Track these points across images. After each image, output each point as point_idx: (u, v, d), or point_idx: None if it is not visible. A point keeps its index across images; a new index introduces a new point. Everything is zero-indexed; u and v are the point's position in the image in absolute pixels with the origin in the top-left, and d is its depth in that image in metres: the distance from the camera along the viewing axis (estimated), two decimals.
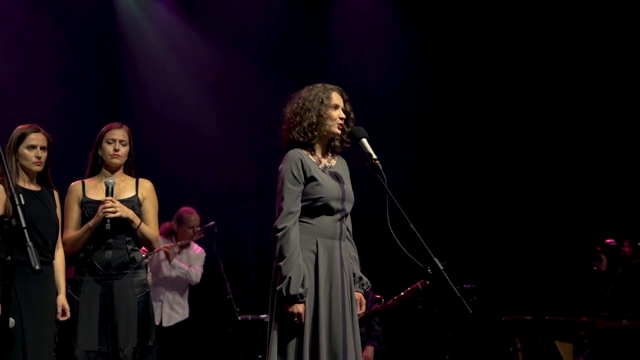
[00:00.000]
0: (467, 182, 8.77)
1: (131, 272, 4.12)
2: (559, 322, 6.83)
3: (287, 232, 3.56)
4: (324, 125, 3.71)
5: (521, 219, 8.50)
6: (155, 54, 8.78)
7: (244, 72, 8.83)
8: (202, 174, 8.28)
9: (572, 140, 8.81)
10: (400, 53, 9.05)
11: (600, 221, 8.31)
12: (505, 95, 9.03)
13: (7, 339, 3.77)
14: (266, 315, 6.10)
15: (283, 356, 3.56)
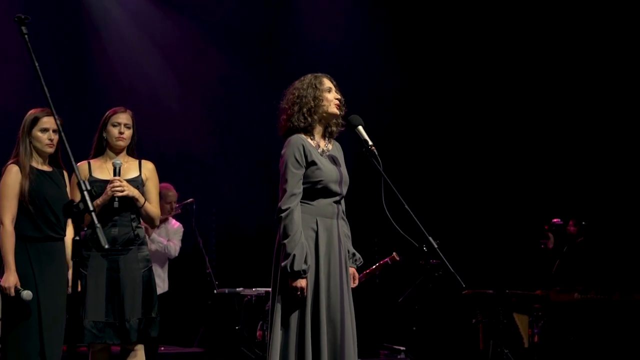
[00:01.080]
0: (429, 164, 9.22)
1: (136, 247, 4.41)
2: (517, 295, 7.31)
3: (290, 213, 3.90)
4: (321, 107, 4.05)
5: (478, 202, 9.02)
6: (118, 26, 9.05)
7: (202, 43, 9.21)
8: (162, 143, 8.54)
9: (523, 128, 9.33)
10: (365, 36, 9.46)
11: (548, 202, 8.85)
12: (463, 80, 9.49)
13: (26, 310, 4.07)
14: (242, 289, 6.48)
15: (286, 327, 3.91)
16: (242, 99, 9.46)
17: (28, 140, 4.24)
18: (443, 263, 3.65)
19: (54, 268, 4.21)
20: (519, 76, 9.41)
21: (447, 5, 9.39)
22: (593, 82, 9.15)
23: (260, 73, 9.46)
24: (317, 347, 3.86)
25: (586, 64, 9.18)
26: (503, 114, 9.49)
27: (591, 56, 9.17)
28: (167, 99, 9.09)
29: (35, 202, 4.15)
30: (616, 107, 9.08)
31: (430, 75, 9.52)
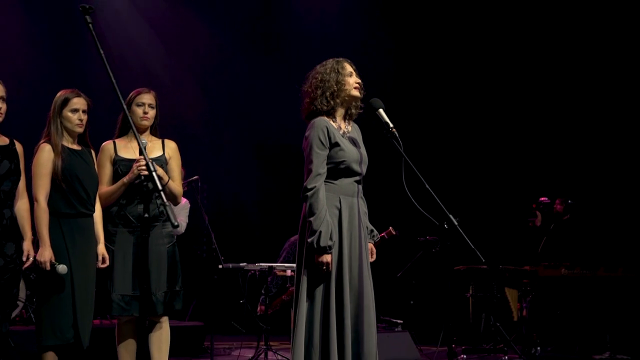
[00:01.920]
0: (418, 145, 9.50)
1: (160, 224, 4.61)
2: (510, 271, 7.61)
3: (316, 192, 4.12)
4: (343, 92, 4.27)
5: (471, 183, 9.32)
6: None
7: (189, 18, 9.52)
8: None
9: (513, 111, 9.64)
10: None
11: (536, 181, 9.17)
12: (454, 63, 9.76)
13: (60, 283, 4.26)
14: (245, 264, 6.71)
15: (311, 299, 4.15)
16: (232, 73, 9.73)
17: (59, 121, 4.41)
18: (463, 239, 3.89)
19: (85, 243, 4.40)
20: (508, 58, 9.70)
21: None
22: (577, 64, 9.48)
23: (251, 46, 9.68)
24: (340, 316, 4.11)
25: (570, 47, 9.49)
26: (492, 96, 9.81)
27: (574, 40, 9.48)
28: (157, 69, 9.36)
29: (67, 180, 4.33)
30: (599, 91, 9.41)
31: (422, 58, 9.78)
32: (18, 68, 8.60)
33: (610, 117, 9.36)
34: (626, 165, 9.19)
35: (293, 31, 9.99)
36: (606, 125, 9.36)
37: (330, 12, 10.07)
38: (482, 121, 9.81)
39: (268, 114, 9.86)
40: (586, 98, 9.49)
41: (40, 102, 5.00)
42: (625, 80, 9.30)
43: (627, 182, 9.13)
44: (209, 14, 9.82)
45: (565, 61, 9.60)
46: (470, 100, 9.89)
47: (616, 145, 9.27)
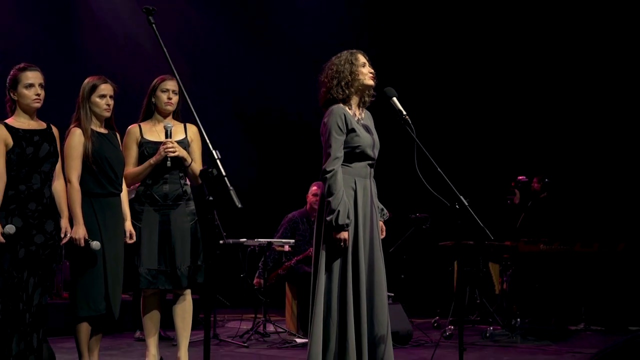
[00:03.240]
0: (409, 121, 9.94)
1: (184, 203, 4.96)
2: (493, 246, 8.05)
3: (335, 174, 4.50)
4: (357, 81, 4.64)
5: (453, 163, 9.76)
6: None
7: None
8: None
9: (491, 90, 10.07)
10: None
11: (515, 160, 9.63)
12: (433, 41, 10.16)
13: (93, 259, 4.59)
14: (245, 239, 7.07)
15: (329, 272, 4.54)
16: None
17: (88, 106, 4.70)
18: (473, 218, 4.30)
19: (115, 220, 4.73)
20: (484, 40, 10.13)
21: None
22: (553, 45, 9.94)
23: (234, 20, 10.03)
24: (356, 288, 4.50)
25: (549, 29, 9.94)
26: (469, 77, 10.23)
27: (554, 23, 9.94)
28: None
29: (97, 162, 4.64)
30: (573, 73, 9.88)
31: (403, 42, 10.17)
32: (9, 45, 8.86)
33: (584, 99, 9.83)
34: (600, 145, 9.68)
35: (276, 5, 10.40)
36: (580, 107, 9.85)
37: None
38: (460, 104, 10.23)
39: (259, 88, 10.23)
40: (560, 81, 9.96)
41: None
42: (599, 61, 9.76)
43: (601, 161, 9.63)
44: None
45: (541, 42, 10.05)
46: (447, 80, 10.30)
47: (590, 126, 9.76)
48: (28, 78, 4.42)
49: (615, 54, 9.68)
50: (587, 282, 8.32)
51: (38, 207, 4.37)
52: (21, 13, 9.39)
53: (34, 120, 4.49)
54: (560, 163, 9.58)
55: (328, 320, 4.53)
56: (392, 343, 4.63)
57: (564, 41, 9.89)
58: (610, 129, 9.67)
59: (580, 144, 9.76)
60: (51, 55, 9.22)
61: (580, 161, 9.68)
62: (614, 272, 8.26)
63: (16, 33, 9.28)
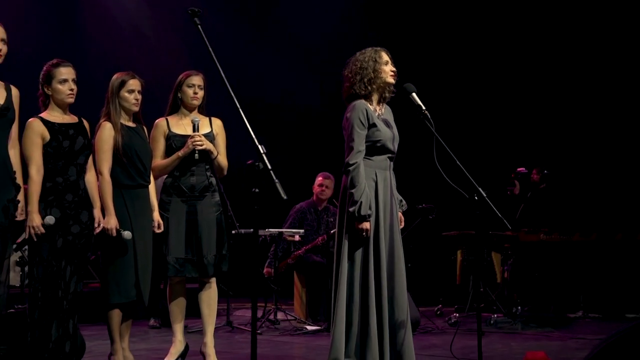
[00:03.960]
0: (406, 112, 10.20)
1: (210, 194, 5.17)
2: (496, 236, 8.31)
3: (357, 167, 4.73)
4: (379, 78, 4.87)
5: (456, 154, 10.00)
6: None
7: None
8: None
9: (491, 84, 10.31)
10: None
11: (515, 152, 9.89)
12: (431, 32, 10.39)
13: (123, 248, 4.80)
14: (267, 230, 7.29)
15: (352, 261, 4.77)
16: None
17: (117, 101, 4.91)
18: (491, 209, 4.54)
19: (144, 211, 4.94)
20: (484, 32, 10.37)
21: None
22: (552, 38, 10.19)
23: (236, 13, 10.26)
24: (378, 276, 4.74)
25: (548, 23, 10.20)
26: (471, 71, 10.47)
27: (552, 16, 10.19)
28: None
29: (127, 155, 4.85)
30: (574, 65, 10.14)
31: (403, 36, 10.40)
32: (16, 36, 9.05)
33: (582, 92, 10.11)
34: (598, 137, 9.96)
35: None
36: (578, 99, 10.12)
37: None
38: (461, 96, 10.47)
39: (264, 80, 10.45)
40: (558, 73, 10.23)
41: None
42: (596, 54, 10.03)
43: (599, 153, 9.91)
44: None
45: (539, 34, 10.31)
46: (447, 73, 10.53)
47: (588, 118, 10.04)
48: (62, 74, 4.61)
49: (611, 47, 9.95)
50: (585, 271, 8.59)
51: (74, 199, 4.57)
52: (28, 4, 9.57)
53: (67, 115, 4.69)
54: (559, 155, 9.86)
55: (351, 307, 4.76)
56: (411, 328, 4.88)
57: (562, 34, 10.16)
58: (607, 121, 9.95)
59: (578, 136, 10.05)
60: (56, 46, 9.40)
61: (579, 153, 9.96)
62: (612, 261, 8.54)
63: (22, 25, 9.45)
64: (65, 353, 4.54)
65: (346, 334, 4.74)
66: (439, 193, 8.81)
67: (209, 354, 5.13)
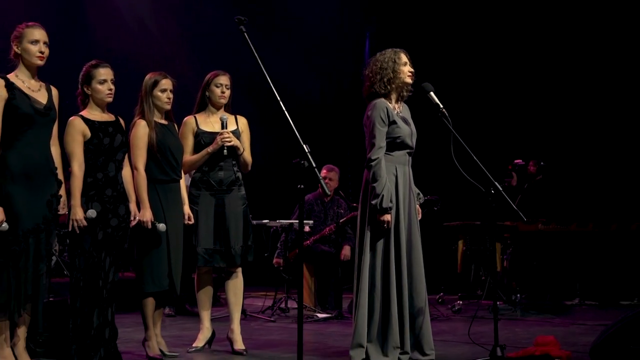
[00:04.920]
0: None
1: (237, 188, 5.49)
2: (499, 226, 8.65)
3: (379, 162, 5.06)
4: (398, 79, 5.20)
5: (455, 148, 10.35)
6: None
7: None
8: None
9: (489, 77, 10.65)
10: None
11: (512, 145, 10.24)
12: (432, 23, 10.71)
13: (157, 239, 5.11)
14: (267, 220, 7.61)
15: (373, 251, 5.11)
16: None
17: (150, 100, 5.21)
18: (506, 201, 4.89)
19: (176, 204, 5.25)
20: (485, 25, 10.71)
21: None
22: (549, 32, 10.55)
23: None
24: (398, 265, 5.08)
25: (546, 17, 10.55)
26: (468, 61, 10.81)
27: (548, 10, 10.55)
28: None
29: (161, 151, 5.16)
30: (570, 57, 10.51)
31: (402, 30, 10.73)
32: None
33: (577, 86, 10.48)
34: (593, 131, 10.34)
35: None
36: (573, 94, 10.49)
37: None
38: (459, 90, 10.80)
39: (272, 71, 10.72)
40: (554, 66, 10.59)
41: None
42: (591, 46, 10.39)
43: (595, 146, 10.29)
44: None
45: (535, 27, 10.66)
46: (445, 65, 10.86)
47: (583, 113, 10.42)
48: (101, 74, 4.90)
49: (606, 38, 10.30)
50: (582, 260, 8.97)
51: (113, 193, 4.87)
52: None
53: (105, 113, 4.98)
54: (555, 147, 10.23)
55: (373, 294, 5.10)
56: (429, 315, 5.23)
57: (556, 25, 10.50)
58: (602, 114, 10.33)
59: (574, 128, 10.43)
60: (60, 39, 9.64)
61: (575, 145, 10.34)
62: (607, 251, 8.93)
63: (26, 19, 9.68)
64: (105, 339, 4.85)
65: (368, 320, 5.08)
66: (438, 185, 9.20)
67: (236, 340, 5.46)
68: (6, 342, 4.61)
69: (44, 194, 4.64)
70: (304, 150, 3.72)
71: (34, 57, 4.66)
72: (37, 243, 4.59)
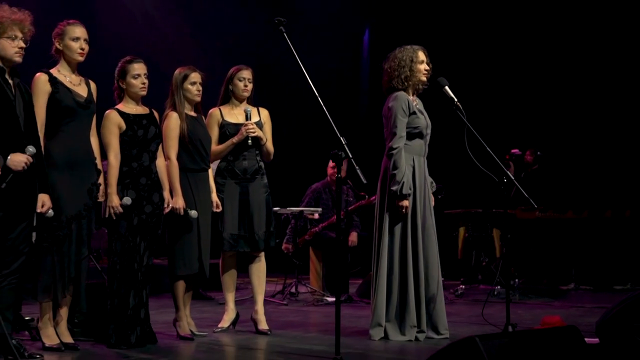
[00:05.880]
0: None
1: (260, 176, 5.83)
2: (497, 213, 9.03)
3: (399, 151, 5.43)
4: (414, 76, 5.57)
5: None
6: None
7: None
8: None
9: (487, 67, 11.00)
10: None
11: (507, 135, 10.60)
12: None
13: (189, 225, 5.44)
14: (278, 208, 7.95)
15: (392, 235, 5.48)
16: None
17: (181, 93, 5.53)
18: (518, 189, 5.26)
19: (205, 192, 5.59)
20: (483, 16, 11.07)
21: None
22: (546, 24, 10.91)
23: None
24: (415, 247, 5.47)
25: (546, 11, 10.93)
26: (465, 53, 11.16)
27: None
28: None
29: (192, 141, 5.48)
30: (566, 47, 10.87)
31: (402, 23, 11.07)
32: None
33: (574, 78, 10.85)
34: (587, 121, 10.73)
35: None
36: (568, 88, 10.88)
37: None
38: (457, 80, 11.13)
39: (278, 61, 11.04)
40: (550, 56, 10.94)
41: None
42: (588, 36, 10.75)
43: (589, 135, 10.68)
44: None
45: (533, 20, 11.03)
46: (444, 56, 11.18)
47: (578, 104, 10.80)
48: (135, 69, 5.22)
49: (602, 30, 10.66)
50: (577, 246, 9.37)
51: (147, 182, 5.20)
52: None
53: (140, 106, 5.31)
54: (551, 137, 10.61)
55: (391, 277, 5.48)
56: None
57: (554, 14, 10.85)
58: (596, 104, 10.71)
59: (568, 118, 10.81)
60: None
61: (570, 135, 10.72)
62: (602, 237, 9.32)
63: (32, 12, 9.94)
64: (141, 319, 5.19)
65: (387, 301, 5.46)
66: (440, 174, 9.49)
67: (260, 320, 5.81)
68: (50, 322, 4.95)
69: (85, 182, 4.97)
70: (341, 142, 4.04)
71: (75, 53, 4.98)
72: (79, 228, 4.93)
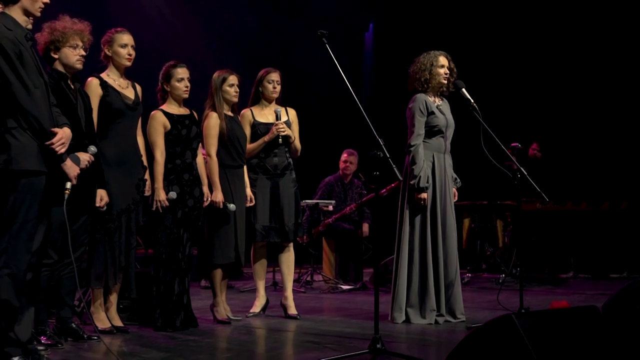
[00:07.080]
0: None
1: (289, 172, 6.32)
2: (502, 205, 9.56)
3: (418, 147, 5.94)
4: (434, 80, 6.08)
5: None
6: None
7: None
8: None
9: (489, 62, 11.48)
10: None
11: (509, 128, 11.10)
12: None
13: (226, 218, 5.93)
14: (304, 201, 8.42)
15: (412, 226, 5.99)
16: None
17: (220, 94, 6.01)
18: (530, 183, 5.77)
19: (241, 187, 6.09)
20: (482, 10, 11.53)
21: None
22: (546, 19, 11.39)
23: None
24: (435, 238, 5.97)
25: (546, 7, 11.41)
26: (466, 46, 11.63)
27: None
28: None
29: (230, 140, 5.97)
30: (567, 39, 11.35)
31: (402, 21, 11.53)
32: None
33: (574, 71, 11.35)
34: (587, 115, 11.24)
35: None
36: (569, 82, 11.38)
37: None
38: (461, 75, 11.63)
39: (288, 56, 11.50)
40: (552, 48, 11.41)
41: None
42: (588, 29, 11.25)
43: (588, 129, 11.20)
44: None
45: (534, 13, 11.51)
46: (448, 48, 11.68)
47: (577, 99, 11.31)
48: (179, 73, 5.71)
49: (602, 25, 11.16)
50: (576, 236, 9.90)
51: (190, 177, 5.69)
52: None
53: (182, 107, 5.79)
54: (551, 131, 11.12)
55: (411, 266, 5.99)
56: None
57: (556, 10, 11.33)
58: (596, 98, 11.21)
59: (568, 113, 11.32)
60: None
61: (569, 129, 11.23)
62: (600, 228, 9.84)
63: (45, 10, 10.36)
64: (184, 304, 5.69)
65: (408, 287, 5.97)
66: None
67: (290, 305, 6.31)
68: (101, 307, 5.44)
69: (133, 178, 5.45)
70: (379, 142, 4.53)
71: (123, 58, 5.46)
72: (128, 221, 5.42)
